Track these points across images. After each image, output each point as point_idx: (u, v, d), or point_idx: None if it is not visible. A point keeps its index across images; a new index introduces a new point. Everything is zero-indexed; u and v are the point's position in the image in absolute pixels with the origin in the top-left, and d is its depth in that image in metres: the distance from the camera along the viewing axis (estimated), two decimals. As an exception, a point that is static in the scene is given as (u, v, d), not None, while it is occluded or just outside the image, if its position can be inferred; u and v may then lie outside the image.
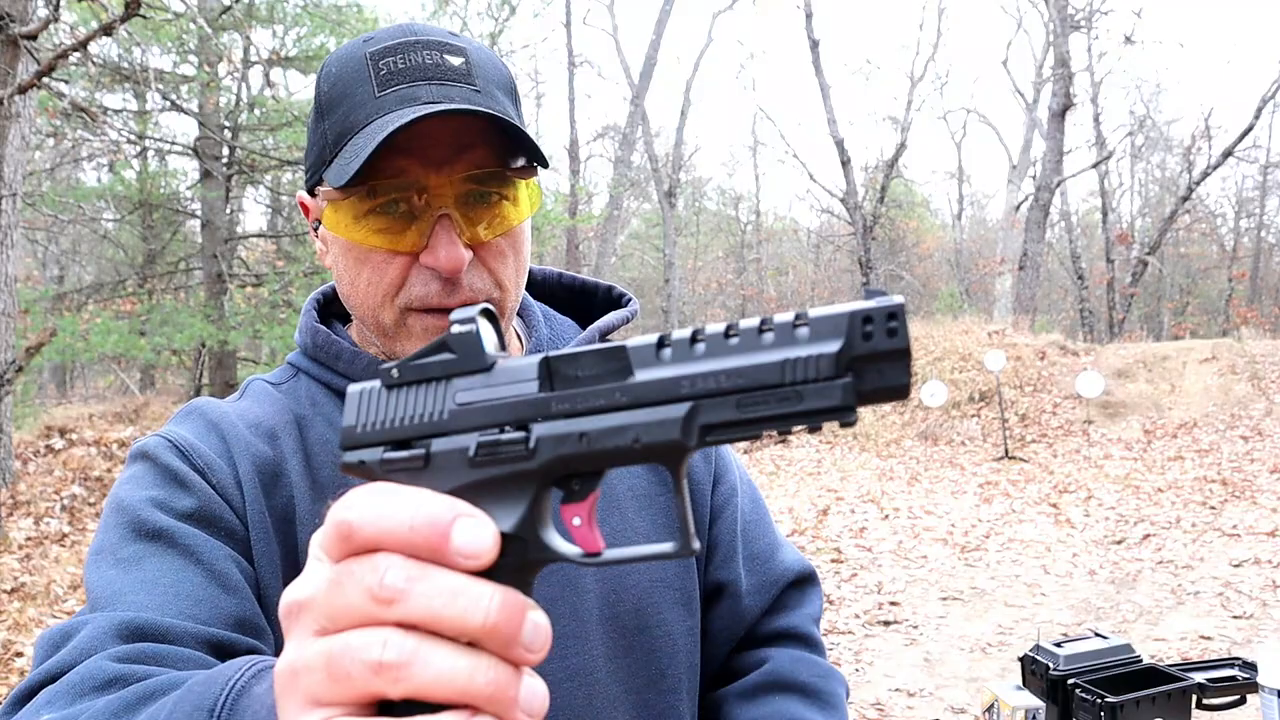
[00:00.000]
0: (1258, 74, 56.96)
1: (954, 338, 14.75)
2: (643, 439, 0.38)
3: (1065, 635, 2.05)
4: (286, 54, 13.07)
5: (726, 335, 0.38)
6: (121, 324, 11.69)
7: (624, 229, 27.77)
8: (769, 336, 0.37)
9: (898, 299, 0.37)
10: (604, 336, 0.98)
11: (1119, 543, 7.36)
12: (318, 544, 0.40)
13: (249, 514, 0.80)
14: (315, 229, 0.89)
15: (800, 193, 54.19)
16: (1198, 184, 20.42)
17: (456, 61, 0.81)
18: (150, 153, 14.79)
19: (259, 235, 15.97)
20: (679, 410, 0.38)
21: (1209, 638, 5.13)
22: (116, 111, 12.93)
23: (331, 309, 1.00)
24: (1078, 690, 1.81)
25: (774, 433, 0.38)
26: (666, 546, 0.41)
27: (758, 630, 1.04)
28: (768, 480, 10.84)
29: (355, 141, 0.78)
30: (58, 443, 10.03)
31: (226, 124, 13.55)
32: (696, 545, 0.41)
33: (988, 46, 59.75)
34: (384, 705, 0.37)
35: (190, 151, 13.45)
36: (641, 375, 0.39)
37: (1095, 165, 23.04)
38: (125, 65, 12.12)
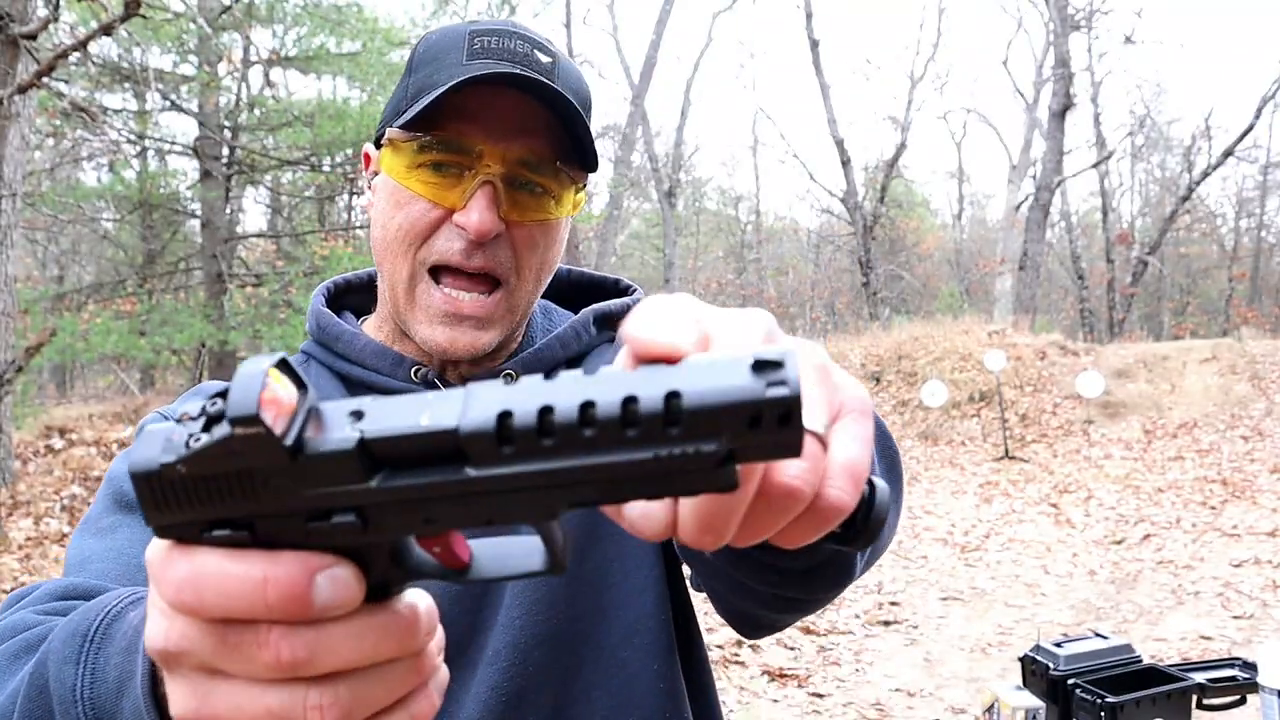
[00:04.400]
0: (1258, 74, 57.05)
1: (954, 338, 14.75)
2: (497, 519, 0.35)
3: (1065, 635, 2.05)
4: (286, 54, 13.07)
5: (582, 424, 0.32)
6: (121, 324, 11.68)
7: (624, 229, 27.79)
8: (632, 434, 0.32)
9: (792, 383, 0.31)
10: (599, 321, 0.99)
11: (1119, 543, 7.36)
12: (157, 595, 0.37)
13: None
14: (370, 182, 0.93)
15: (800, 193, 54.18)
16: (1198, 184, 20.44)
17: (545, 59, 0.86)
18: (150, 153, 14.81)
19: (259, 235, 15.97)
20: (532, 496, 0.34)
21: (1209, 638, 5.13)
22: (116, 111, 12.93)
23: (341, 301, 1.02)
24: (1078, 690, 1.81)
25: None
26: (536, 564, 0.39)
27: None
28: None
29: (434, 92, 0.82)
30: (58, 443, 10.03)
31: (226, 124, 13.55)
32: (567, 563, 0.39)
33: (988, 46, 59.86)
34: None
35: (190, 151, 13.45)
36: (482, 471, 0.33)
37: (1095, 165, 23.05)
38: (125, 65, 12.13)
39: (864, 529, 0.42)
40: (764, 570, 0.64)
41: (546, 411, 0.32)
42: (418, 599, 0.40)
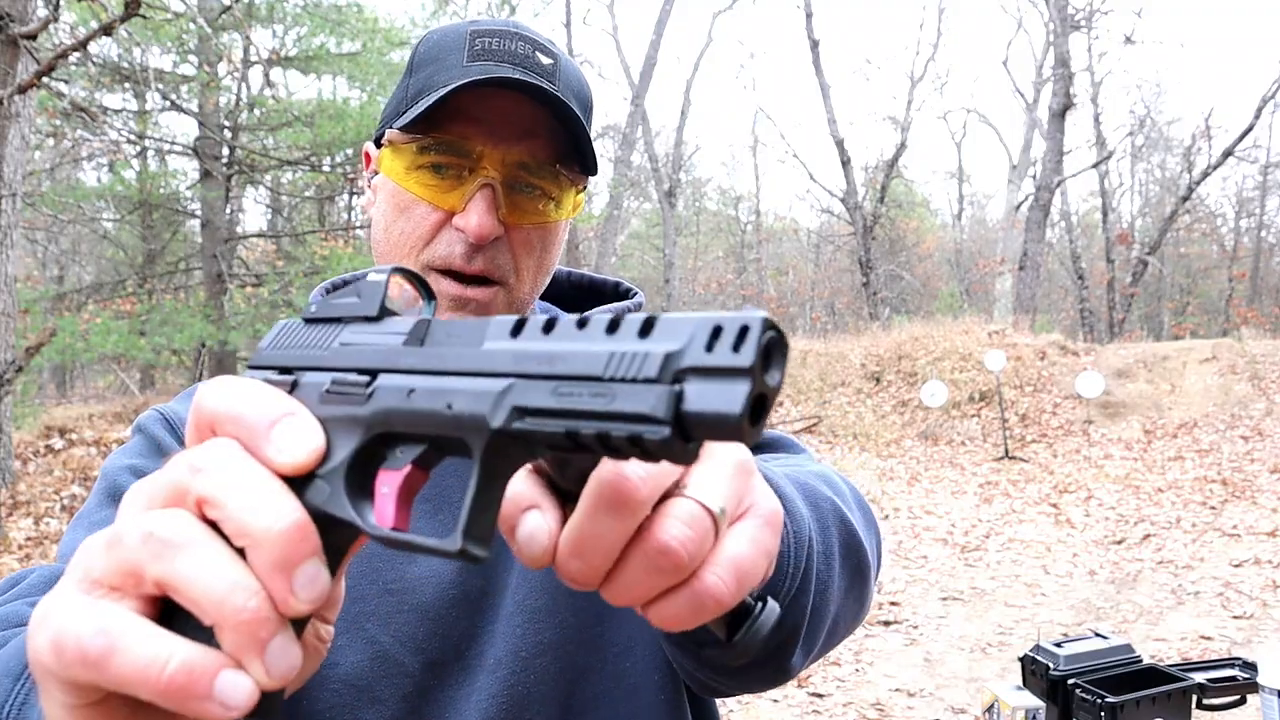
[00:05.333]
0: (1258, 74, 57.02)
1: (954, 338, 14.74)
2: (454, 405, 0.37)
3: (1065, 635, 2.05)
4: (286, 54, 13.07)
5: (580, 325, 0.35)
6: (121, 324, 11.68)
7: (624, 229, 27.77)
8: (612, 331, 0.34)
9: (759, 314, 0.32)
10: None
11: (1119, 543, 7.36)
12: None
13: None
14: (369, 181, 0.94)
15: (800, 193, 54.18)
16: (1198, 184, 20.43)
17: (546, 61, 0.86)
18: (150, 153, 14.80)
19: (259, 235, 15.97)
20: (497, 384, 0.36)
21: (1209, 638, 5.13)
22: (116, 111, 12.93)
23: None
24: (1078, 690, 1.81)
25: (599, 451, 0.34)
26: (449, 543, 0.37)
27: None
28: (768, 480, 10.82)
29: (431, 95, 0.83)
30: (57, 443, 10.03)
31: (226, 124, 13.55)
32: (480, 552, 0.36)
33: (988, 46, 59.83)
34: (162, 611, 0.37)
35: (190, 151, 13.45)
36: (489, 346, 0.37)
37: (1095, 165, 23.04)
38: (125, 65, 12.12)
39: (742, 640, 0.42)
40: (689, 654, 0.66)
41: (554, 320, 0.37)
42: (323, 574, 0.37)
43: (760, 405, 0.31)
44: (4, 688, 0.56)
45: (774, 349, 0.32)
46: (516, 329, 0.37)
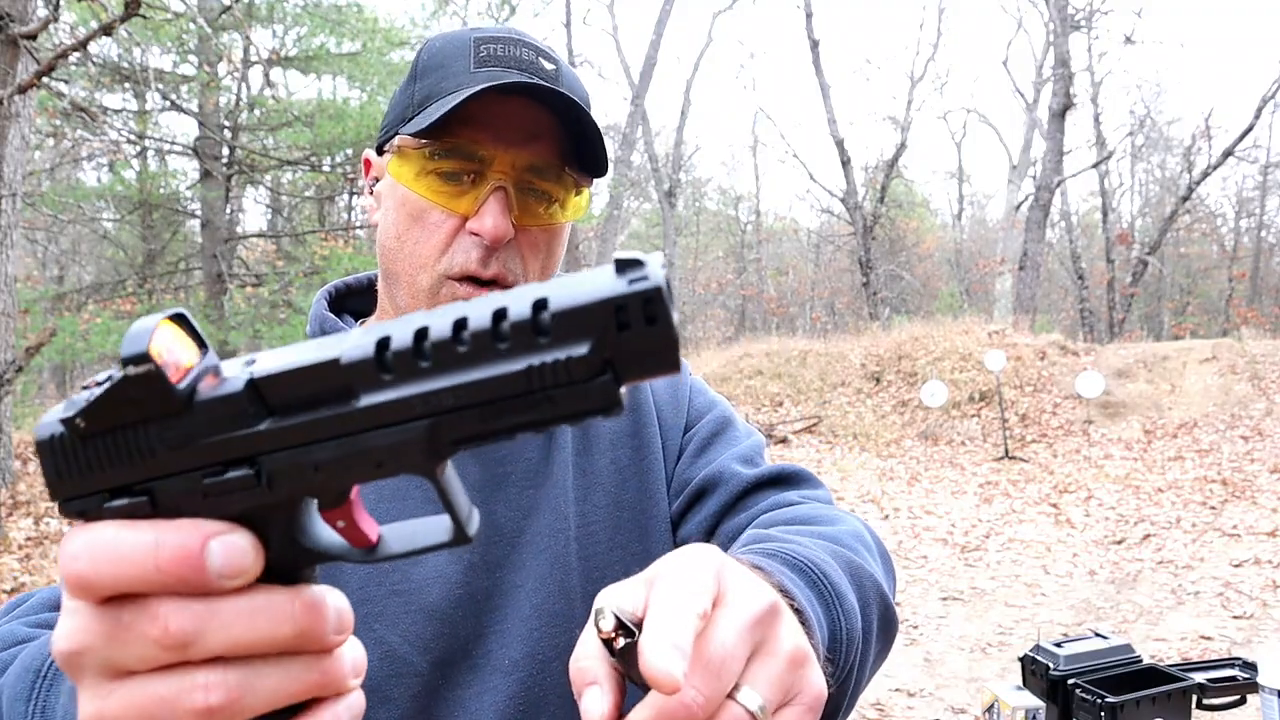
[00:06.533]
0: (1258, 74, 57.04)
1: (954, 338, 14.74)
2: (386, 463, 0.35)
3: (1065, 635, 2.05)
4: (286, 54, 13.08)
5: (455, 341, 0.33)
6: (121, 324, 11.68)
7: (624, 229, 27.76)
8: (504, 345, 0.33)
9: (654, 277, 0.32)
10: None
11: (1119, 543, 7.36)
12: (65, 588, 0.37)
13: None
14: (371, 188, 0.94)
15: (800, 193, 54.16)
16: (1198, 184, 20.43)
17: (549, 67, 0.87)
18: (150, 153, 14.79)
19: (259, 235, 15.97)
20: (418, 429, 0.34)
21: (1209, 638, 5.13)
22: (116, 111, 12.93)
23: (343, 304, 1.02)
24: (1078, 690, 1.81)
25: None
26: (443, 536, 0.38)
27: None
28: (768, 480, 10.82)
29: (441, 102, 0.83)
30: (58, 443, 10.02)
31: (226, 124, 13.56)
32: (472, 531, 0.38)
33: (988, 46, 59.85)
34: None
35: (190, 151, 13.45)
36: (366, 400, 0.34)
37: (1095, 165, 23.04)
38: (125, 65, 12.12)
39: None
40: None
41: (422, 334, 0.33)
42: (331, 597, 0.38)
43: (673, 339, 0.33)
44: (26, 681, 0.56)
45: (653, 302, 0.33)
46: (379, 369, 0.34)
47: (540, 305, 0.33)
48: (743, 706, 0.44)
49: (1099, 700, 1.75)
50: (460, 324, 0.33)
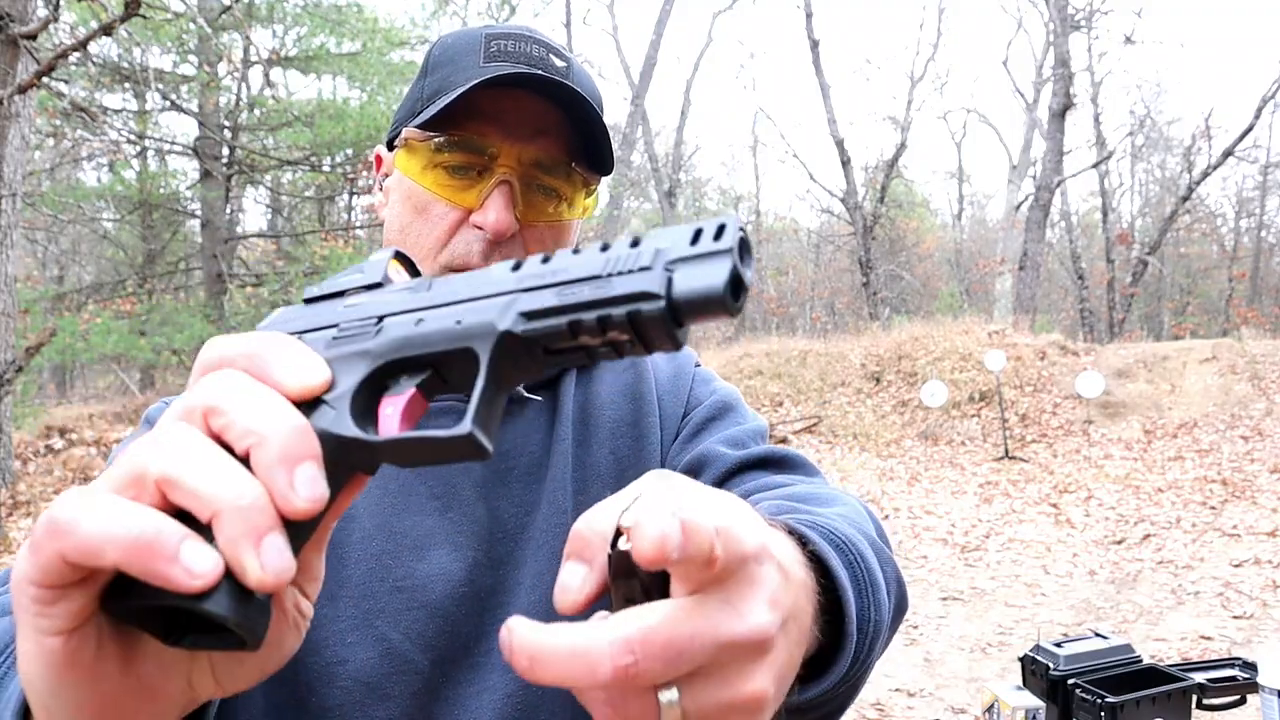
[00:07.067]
0: (1258, 74, 56.98)
1: (954, 338, 14.73)
2: (464, 320, 0.40)
3: (1065, 635, 2.05)
4: (286, 54, 13.08)
5: (574, 251, 0.40)
6: (121, 324, 11.69)
7: (624, 229, 27.78)
8: (605, 250, 0.39)
9: (733, 214, 0.37)
10: None
11: (1119, 543, 7.36)
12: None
13: None
14: (380, 184, 0.94)
15: (800, 193, 54.11)
16: (1198, 184, 20.41)
17: (560, 64, 0.88)
18: (150, 153, 14.80)
19: (259, 235, 15.98)
20: (503, 298, 0.40)
21: (1209, 638, 5.13)
22: (116, 111, 12.93)
23: None
24: (1078, 690, 1.81)
25: (612, 349, 0.38)
26: (459, 429, 0.38)
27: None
28: (768, 480, 10.82)
29: (452, 92, 0.83)
30: (58, 443, 10.03)
31: (226, 124, 13.56)
32: (486, 442, 0.38)
33: (988, 46, 59.77)
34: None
35: (190, 151, 13.46)
36: (494, 274, 0.42)
37: (1095, 165, 23.03)
38: (125, 65, 12.13)
39: None
40: None
41: (549, 255, 0.41)
42: (319, 476, 0.38)
43: (739, 284, 0.36)
44: None
45: (746, 244, 0.37)
46: (517, 265, 0.42)
47: (640, 237, 0.39)
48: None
49: (1099, 700, 1.75)
50: (579, 248, 0.40)
